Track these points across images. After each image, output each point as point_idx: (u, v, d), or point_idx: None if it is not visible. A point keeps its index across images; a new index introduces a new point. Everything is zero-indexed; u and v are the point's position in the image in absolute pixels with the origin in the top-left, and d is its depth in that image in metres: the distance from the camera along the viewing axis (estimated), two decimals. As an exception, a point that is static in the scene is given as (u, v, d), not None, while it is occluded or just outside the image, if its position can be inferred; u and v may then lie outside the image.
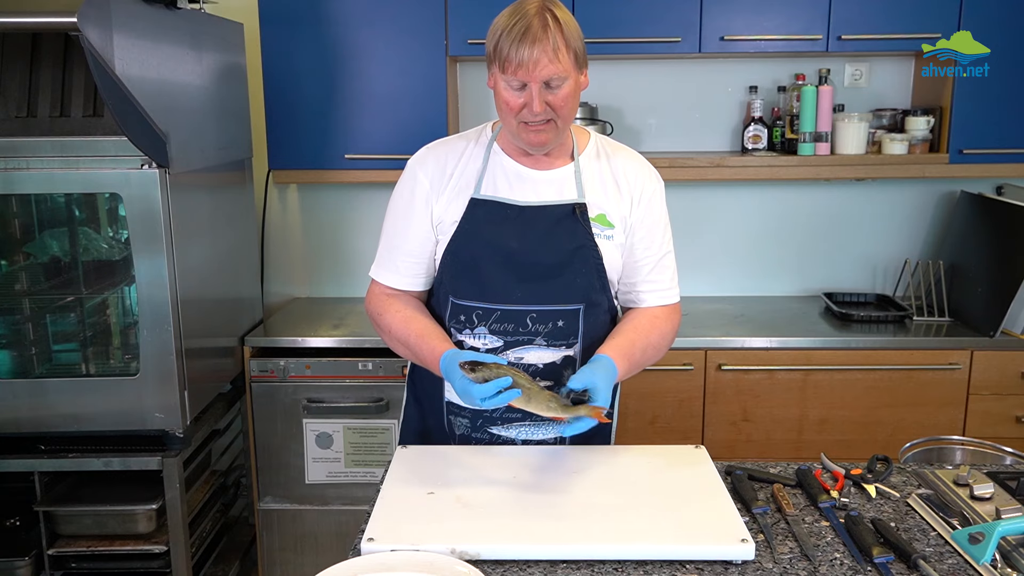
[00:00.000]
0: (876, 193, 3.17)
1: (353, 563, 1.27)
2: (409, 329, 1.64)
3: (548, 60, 1.49)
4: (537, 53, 1.49)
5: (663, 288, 1.72)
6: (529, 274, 1.63)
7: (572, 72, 1.54)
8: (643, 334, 1.67)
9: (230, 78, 2.73)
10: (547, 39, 1.49)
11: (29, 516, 2.38)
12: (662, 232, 1.71)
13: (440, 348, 1.57)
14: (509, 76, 1.52)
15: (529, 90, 1.52)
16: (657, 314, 1.72)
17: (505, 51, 1.50)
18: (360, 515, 1.45)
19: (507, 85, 1.54)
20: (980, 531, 1.31)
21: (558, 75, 1.52)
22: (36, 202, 2.48)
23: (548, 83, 1.52)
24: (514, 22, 1.51)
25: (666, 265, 1.72)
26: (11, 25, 2.06)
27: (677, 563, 1.30)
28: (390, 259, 1.72)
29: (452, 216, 1.65)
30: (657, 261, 1.71)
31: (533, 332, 1.64)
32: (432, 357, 1.58)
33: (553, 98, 1.53)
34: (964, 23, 2.73)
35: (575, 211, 1.64)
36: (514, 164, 1.67)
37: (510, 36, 1.50)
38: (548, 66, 1.50)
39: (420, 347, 1.62)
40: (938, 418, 2.70)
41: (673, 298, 1.74)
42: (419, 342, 1.62)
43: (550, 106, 1.54)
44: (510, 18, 1.52)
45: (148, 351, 2.24)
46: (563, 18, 1.52)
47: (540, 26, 1.49)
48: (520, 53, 1.49)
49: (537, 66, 1.49)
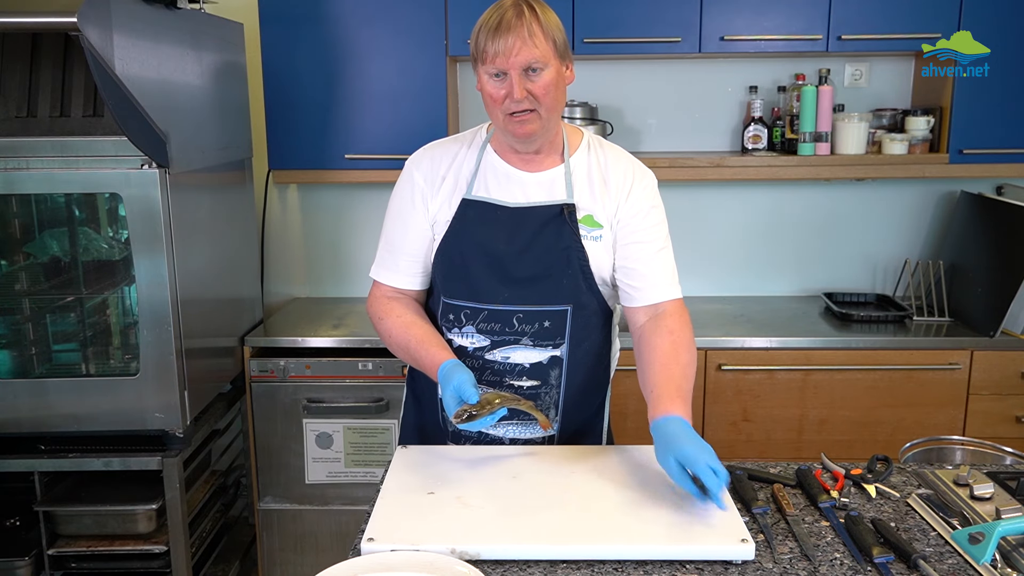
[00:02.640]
0: (876, 193, 3.17)
1: (353, 563, 1.27)
2: (409, 335, 1.66)
3: (523, 44, 1.52)
4: (512, 39, 1.52)
5: (663, 283, 1.67)
6: (516, 276, 1.64)
7: (552, 59, 1.56)
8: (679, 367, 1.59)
9: (230, 78, 2.73)
10: (522, 26, 1.53)
11: (29, 516, 2.38)
12: (653, 226, 1.68)
13: (440, 357, 1.59)
14: (489, 66, 1.55)
15: (509, 78, 1.55)
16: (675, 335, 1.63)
17: (483, 43, 1.55)
18: (360, 515, 1.45)
19: (489, 77, 1.57)
20: (980, 531, 1.31)
21: (535, 60, 1.54)
22: (36, 202, 2.48)
23: (527, 70, 1.54)
24: (491, 16, 1.56)
25: (663, 260, 1.69)
26: (11, 25, 2.06)
27: (677, 563, 1.30)
28: (390, 259, 1.73)
29: (445, 216, 1.67)
30: (652, 255, 1.67)
31: (520, 332, 1.66)
32: (431, 363, 1.60)
33: (533, 86, 1.55)
34: (964, 23, 2.73)
35: (563, 212, 1.64)
36: (505, 165, 1.68)
37: (487, 28, 1.54)
38: (524, 51, 1.52)
39: (420, 353, 1.63)
40: (938, 418, 2.70)
41: (674, 293, 1.69)
42: (419, 347, 1.64)
43: (532, 94, 1.56)
44: (487, 14, 1.57)
45: (148, 351, 2.24)
46: (540, 9, 1.56)
47: (515, 15, 1.53)
48: (496, 42, 1.53)
49: (512, 51, 1.52)
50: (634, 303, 1.69)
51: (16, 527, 2.44)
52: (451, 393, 1.51)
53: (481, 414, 1.49)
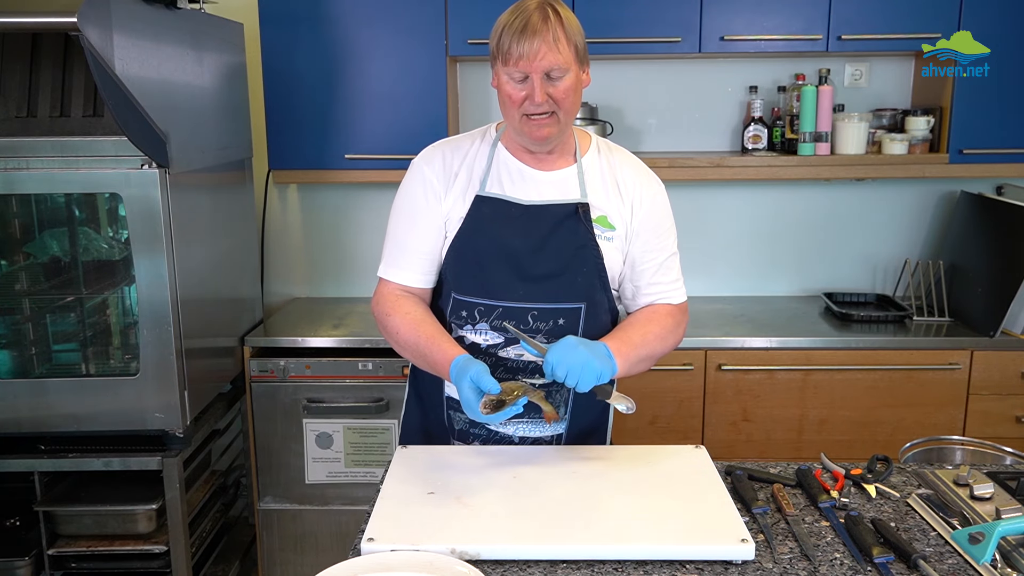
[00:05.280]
0: (876, 193, 3.17)
1: (353, 563, 1.27)
2: (419, 332, 1.64)
3: (548, 49, 1.53)
4: (537, 44, 1.52)
5: (667, 289, 1.73)
6: (531, 273, 1.64)
7: (573, 65, 1.57)
8: (639, 326, 1.69)
9: (230, 78, 2.73)
10: (547, 30, 1.53)
11: (29, 516, 2.38)
12: (664, 235, 1.72)
13: (452, 352, 1.58)
14: (511, 68, 1.55)
15: (531, 81, 1.55)
16: (656, 308, 1.73)
17: (507, 45, 1.54)
18: (360, 515, 1.45)
19: (509, 78, 1.57)
20: (980, 531, 1.31)
21: (558, 65, 1.54)
22: (36, 202, 2.48)
23: (549, 74, 1.55)
24: (515, 17, 1.55)
25: (670, 266, 1.73)
26: (11, 25, 2.06)
27: (677, 563, 1.30)
28: (401, 257, 1.72)
29: (458, 213, 1.67)
30: (661, 264, 1.71)
31: (534, 330, 1.65)
32: (444, 359, 1.58)
33: (554, 90, 1.56)
34: (964, 23, 2.73)
35: (578, 211, 1.65)
36: (518, 163, 1.68)
37: (511, 30, 1.54)
38: (548, 56, 1.53)
39: (431, 349, 1.62)
40: (938, 418, 2.70)
41: (678, 297, 1.74)
42: (429, 344, 1.62)
43: (552, 98, 1.56)
44: (511, 14, 1.57)
45: (148, 351, 2.24)
46: (564, 13, 1.57)
47: (540, 19, 1.54)
48: (521, 45, 1.53)
49: (537, 56, 1.53)
50: (638, 306, 1.73)
51: (16, 527, 2.44)
52: (469, 384, 1.49)
53: (509, 402, 1.48)
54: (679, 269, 1.76)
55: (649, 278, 1.71)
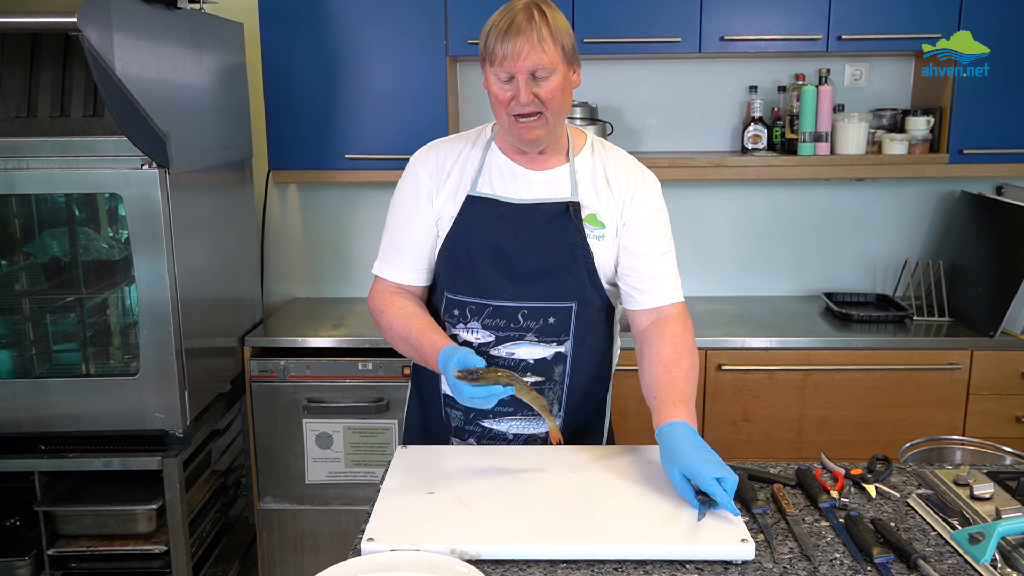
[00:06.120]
0: (876, 193, 3.17)
1: (353, 563, 1.27)
2: (411, 325, 1.66)
3: (531, 49, 1.53)
4: (521, 43, 1.53)
5: (665, 287, 1.69)
6: (521, 272, 1.65)
7: (559, 65, 1.57)
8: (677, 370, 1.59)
9: (230, 78, 2.73)
10: (531, 30, 1.53)
11: (29, 516, 2.38)
12: (656, 230, 1.70)
13: (440, 343, 1.59)
14: (497, 68, 1.56)
15: (516, 81, 1.55)
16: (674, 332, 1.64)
17: (492, 45, 1.55)
18: (360, 515, 1.45)
19: (496, 79, 1.58)
20: (980, 531, 1.31)
21: (543, 65, 1.54)
22: (36, 202, 2.48)
23: (535, 75, 1.55)
24: (501, 18, 1.56)
25: (666, 263, 1.71)
26: (11, 25, 2.06)
27: (677, 563, 1.30)
28: (394, 255, 1.73)
29: (449, 212, 1.68)
30: (655, 260, 1.69)
31: (524, 328, 1.66)
32: (432, 351, 1.59)
33: (540, 90, 1.56)
34: (964, 23, 2.73)
35: (568, 209, 1.65)
36: (510, 163, 1.69)
37: (497, 30, 1.55)
38: (532, 55, 1.53)
39: (421, 342, 1.63)
40: (938, 418, 2.70)
41: (675, 297, 1.70)
42: (420, 337, 1.63)
43: (538, 98, 1.56)
44: (498, 15, 1.57)
45: (148, 351, 2.24)
46: (550, 14, 1.57)
47: (525, 19, 1.54)
48: (505, 45, 1.53)
49: (521, 55, 1.53)
50: (636, 306, 1.70)
51: (16, 527, 2.44)
52: (455, 366, 1.49)
53: (487, 379, 1.46)
54: (675, 267, 1.73)
55: (645, 274, 1.68)
